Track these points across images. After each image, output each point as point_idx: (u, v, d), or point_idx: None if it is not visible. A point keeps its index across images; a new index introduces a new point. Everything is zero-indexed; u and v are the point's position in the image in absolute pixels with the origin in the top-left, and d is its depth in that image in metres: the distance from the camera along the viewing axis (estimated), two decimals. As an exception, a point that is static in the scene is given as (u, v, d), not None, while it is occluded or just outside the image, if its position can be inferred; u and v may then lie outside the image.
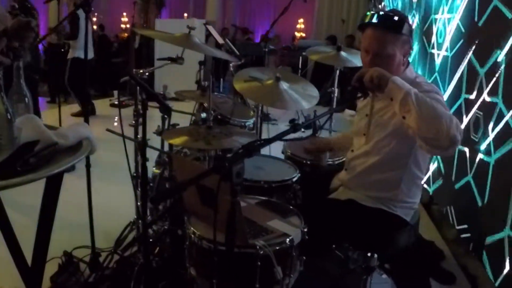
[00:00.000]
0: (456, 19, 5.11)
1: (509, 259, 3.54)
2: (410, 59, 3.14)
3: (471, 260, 4.23)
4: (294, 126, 2.08)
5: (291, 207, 2.96)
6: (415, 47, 6.87)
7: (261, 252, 2.40)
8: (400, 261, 3.84)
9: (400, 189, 2.98)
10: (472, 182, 4.30)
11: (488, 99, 4.08)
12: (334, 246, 3.75)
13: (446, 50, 5.41)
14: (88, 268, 3.76)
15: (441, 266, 4.31)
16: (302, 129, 2.22)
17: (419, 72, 6.42)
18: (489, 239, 3.85)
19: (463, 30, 4.88)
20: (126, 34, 17.05)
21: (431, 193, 5.58)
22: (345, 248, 3.79)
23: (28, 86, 2.48)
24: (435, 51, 5.92)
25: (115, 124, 3.69)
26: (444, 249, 4.65)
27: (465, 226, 4.45)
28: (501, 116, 3.77)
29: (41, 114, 7.86)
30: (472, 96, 4.42)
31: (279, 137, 2.08)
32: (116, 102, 10.18)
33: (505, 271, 3.56)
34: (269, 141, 2.08)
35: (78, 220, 4.19)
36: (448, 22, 5.44)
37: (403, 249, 3.10)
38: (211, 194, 2.23)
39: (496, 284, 3.68)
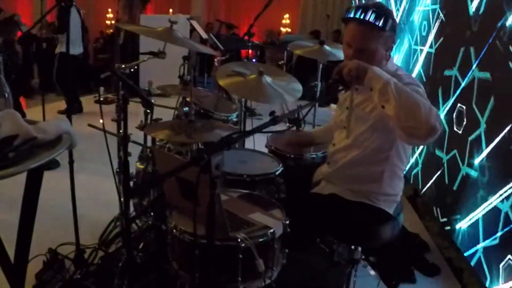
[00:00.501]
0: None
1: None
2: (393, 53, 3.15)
3: (456, 252, 4.25)
4: (273, 118, 2.08)
5: (273, 200, 2.97)
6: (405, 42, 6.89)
7: (243, 244, 2.41)
8: (384, 254, 3.86)
9: (382, 182, 2.99)
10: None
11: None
12: (318, 239, 3.77)
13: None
14: (73, 264, 3.74)
15: (425, 258, 4.33)
16: (288, 124, 2.23)
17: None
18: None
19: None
20: (111, 30, 16.98)
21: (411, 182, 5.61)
22: (330, 242, 3.79)
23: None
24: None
25: (101, 121, 3.69)
26: (429, 242, 4.67)
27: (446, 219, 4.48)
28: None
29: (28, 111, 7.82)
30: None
31: (258, 129, 2.08)
32: (101, 98, 10.15)
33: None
34: (247, 133, 2.08)
35: (62, 217, 4.17)
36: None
37: (386, 242, 3.11)
38: (191, 187, 2.23)
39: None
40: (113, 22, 17.28)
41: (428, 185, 5.18)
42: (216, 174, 1.87)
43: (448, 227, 4.46)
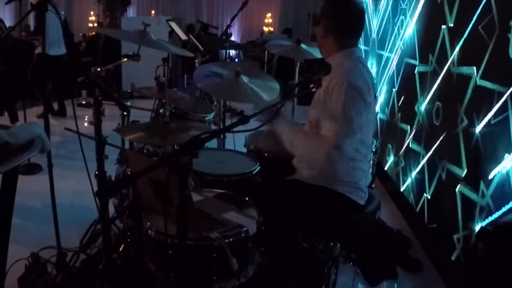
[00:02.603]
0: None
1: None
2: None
3: (438, 247, 4.27)
4: (242, 118, 2.10)
5: (247, 198, 2.97)
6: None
7: (216, 244, 2.42)
8: (365, 250, 3.88)
9: (333, 166, 3.01)
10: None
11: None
12: (299, 237, 3.79)
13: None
14: (55, 268, 3.74)
15: (407, 253, 4.35)
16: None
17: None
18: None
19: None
20: (93, 33, 16.93)
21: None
22: (311, 240, 3.82)
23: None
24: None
25: (85, 124, 3.69)
26: (411, 237, 4.69)
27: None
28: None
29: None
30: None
31: (227, 128, 2.10)
32: (84, 102, 10.13)
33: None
34: (216, 133, 2.10)
35: (44, 221, 4.18)
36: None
37: (356, 232, 3.22)
38: (161, 187, 2.25)
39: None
40: (95, 25, 17.24)
41: (409, 180, 5.21)
42: (185, 174, 1.88)
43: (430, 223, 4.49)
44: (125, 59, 3.52)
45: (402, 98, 5.66)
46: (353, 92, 2.78)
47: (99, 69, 3.28)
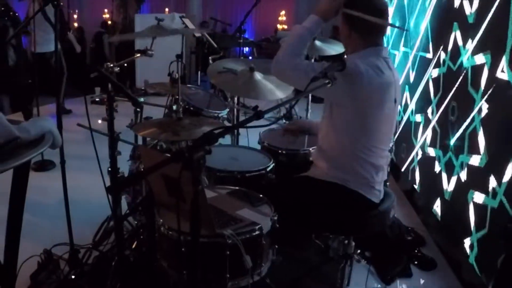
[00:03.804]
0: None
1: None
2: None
3: (453, 246, 4.23)
4: (256, 113, 2.07)
5: (261, 196, 2.95)
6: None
7: (229, 241, 2.40)
8: (379, 248, 3.85)
9: (351, 164, 2.99)
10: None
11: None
12: (313, 235, 3.77)
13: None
14: (67, 265, 3.72)
15: (422, 252, 4.32)
16: (284, 120, 2.22)
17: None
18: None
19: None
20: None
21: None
22: (325, 237, 3.79)
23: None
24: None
25: (99, 121, 3.70)
26: (425, 235, 4.66)
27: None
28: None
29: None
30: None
31: (241, 124, 2.07)
32: (97, 99, 10.13)
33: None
34: (229, 129, 2.06)
35: (57, 217, 4.17)
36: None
37: (370, 230, 3.20)
38: (174, 184, 2.22)
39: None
40: (109, 22, 17.26)
41: (425, 179, 5.17)
42: (198, 170, 1.85)
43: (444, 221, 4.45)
44: (138, 55, 3.51)
45: (417, 95, 5.61)
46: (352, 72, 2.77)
47: (112, 65, 3.27)
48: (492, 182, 3.46)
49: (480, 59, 3.82)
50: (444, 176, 4.46)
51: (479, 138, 3.72)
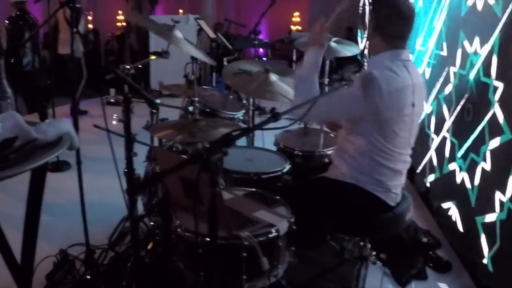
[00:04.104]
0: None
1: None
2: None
3: (468, 248, 4.21)
4: (274, 115, 2.06)
5: (278, 197, 2.95)
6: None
7: (246, 243, 2.40)
8: (395, 250, 3.84)
9: (368, 167, 2.98)
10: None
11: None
12: (328, 237, 3.76)
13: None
14: (83, 265, 3.74)
15: (437, 254, 4.30)
16: (299, 123, 2.21)
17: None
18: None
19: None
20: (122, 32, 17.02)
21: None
22: (340, 239, 3.79)
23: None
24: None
25: (114, 122, 3.72)
26: (440, 238, 4.64)
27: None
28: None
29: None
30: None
31: (258, 126, 2.06)
32: (112, 100, 10.15)
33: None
34: (247, 131, 2.06)
35: (73, 218, 4.18)
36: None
37: (386, 232, 3.21)
38: (193, 186, 2.22)
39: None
40: (123, 24, 17.31)
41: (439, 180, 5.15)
42: (216, 172, 1.85)
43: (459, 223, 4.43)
44: (154, 57, 3.51)
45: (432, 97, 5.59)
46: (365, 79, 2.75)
47: (128, 66, 3.27)
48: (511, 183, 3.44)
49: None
50: (459, 177, 4.44)
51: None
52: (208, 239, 2.03)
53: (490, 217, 3.71)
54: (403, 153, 3.04)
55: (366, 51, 3.21)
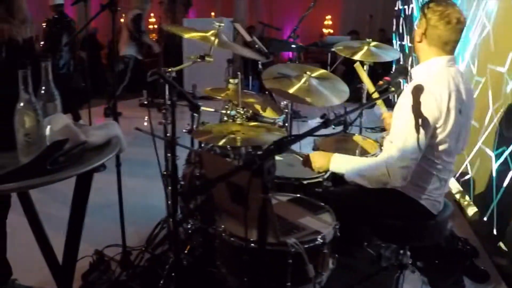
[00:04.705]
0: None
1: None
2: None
3: (505, 257, 4.17)
4: (325, 121, 2.05)
5: (322, 204, 2.93)
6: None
7: (293, 249, 2.39)
8: (432, 258, 3.80)
9: (413, 174, 2.93)
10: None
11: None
12: (366, 244, 3.74)
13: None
14: (119, 266, 3.77)
15: (474, 263, 4.26)
16: (333, 126, 2.20)
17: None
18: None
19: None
20: (154, 35, 17.11)
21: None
22: (377, 246, 3.77)
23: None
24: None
25: (145, 124, 3.73)
26: (478, 247, 4.59)
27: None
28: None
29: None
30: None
31: (310, 132, 2.05)
32: (146, 102, 10.18)
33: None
34: (299, 137, 2.05)
35: (109, 219, 4.21)
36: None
37: (426, 240, 3.15)
38: (241, 191, 2.21)
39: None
40: (155, 26, 17.41)
41: (477, 188, 5.10)
42: (268, 178, 1.84)
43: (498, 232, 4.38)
44: (199, 60, 3.50)
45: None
46: (421, 98, 2.72)
47: (169, 69, 3.27)
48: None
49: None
50: (497, 185, 4.40)
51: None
52: (255, 245, 2.03)
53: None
54: (449, 161, 3.01)
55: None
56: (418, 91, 2.70)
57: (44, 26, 8.46)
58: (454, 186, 5.80)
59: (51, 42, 8.29)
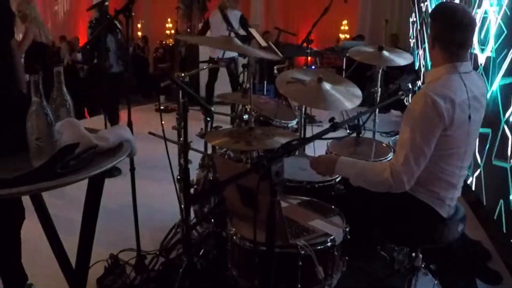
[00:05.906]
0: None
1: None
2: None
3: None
4: (333, 125, 2.07)
5: (333, 207, 2.95)
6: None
7: (303, 252, 2.41)
8: (445, 261, 3.80)
9: (424, 179, 2.93)
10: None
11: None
12: (379, 247, 3.75)
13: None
14: (133, 270, 3.79)
15: (487, 266, 4.25)
16: (348, 130, 2.22)
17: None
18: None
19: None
20: (171, 40, 17.17)
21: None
22: (390, 249, 3.77)
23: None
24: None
25: (161, 128, 3.77)
26: (491, 249, 4.58)
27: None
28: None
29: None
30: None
31: (318, 136, 2.07)
32: (162, 107, 10.22)
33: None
34: (307, 140, 2.07)
35: (124, 223, 4.23)
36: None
37: (438, 243, 3.15)
38: (251, 194, 2.23)
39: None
40: (172, 32, 17.46)
41: (490, 191, 5.08)
42: (276, 181, 1.85)
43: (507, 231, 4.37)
44: (211, 65, 3.54)
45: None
46: (428, 107, 2.72)
47: (183, 74, 3.30)
48: None
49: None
50: (511, 188, 4.39)
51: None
52: (265, 247, 2.04)
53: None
54: (461, 167, 3.01)
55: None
56: (427, 98, 2.70)
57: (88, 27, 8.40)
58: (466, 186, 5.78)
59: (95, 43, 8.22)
